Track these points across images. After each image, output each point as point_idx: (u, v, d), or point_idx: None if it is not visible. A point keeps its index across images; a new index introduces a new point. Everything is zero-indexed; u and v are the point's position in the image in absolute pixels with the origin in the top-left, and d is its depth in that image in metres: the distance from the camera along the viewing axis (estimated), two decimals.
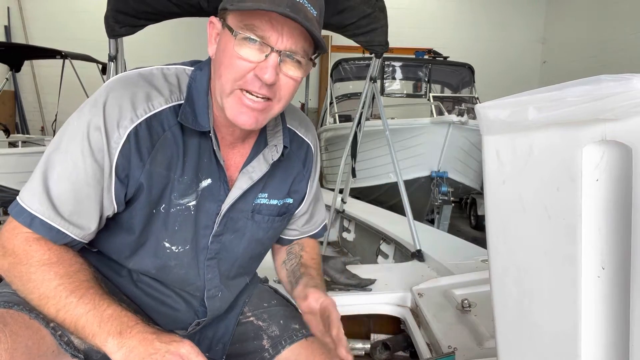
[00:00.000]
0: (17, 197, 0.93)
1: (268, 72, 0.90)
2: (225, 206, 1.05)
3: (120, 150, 0.92)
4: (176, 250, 1.04)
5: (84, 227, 0.95)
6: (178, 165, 0.99)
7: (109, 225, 1.02)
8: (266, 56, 0.90)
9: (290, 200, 1.17)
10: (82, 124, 0.92)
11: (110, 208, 0.97)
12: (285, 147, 1.09)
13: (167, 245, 1.03)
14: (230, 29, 0.91)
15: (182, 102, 0.98)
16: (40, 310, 0.89)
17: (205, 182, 1.02)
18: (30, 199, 0.91)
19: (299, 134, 1.17)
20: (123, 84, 0.96)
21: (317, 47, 0.95)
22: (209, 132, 0.99)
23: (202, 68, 1.03)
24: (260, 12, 0.87)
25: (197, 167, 1.01)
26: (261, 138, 1.10)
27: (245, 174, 1.06)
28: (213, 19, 0.98)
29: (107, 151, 0.92)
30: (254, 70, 0.91)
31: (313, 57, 0.97)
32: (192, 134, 0.99)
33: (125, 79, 0.97)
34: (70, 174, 0.92)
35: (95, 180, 0.93)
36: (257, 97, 0.93)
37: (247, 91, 0.93)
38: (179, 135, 0.98)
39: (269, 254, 1.32)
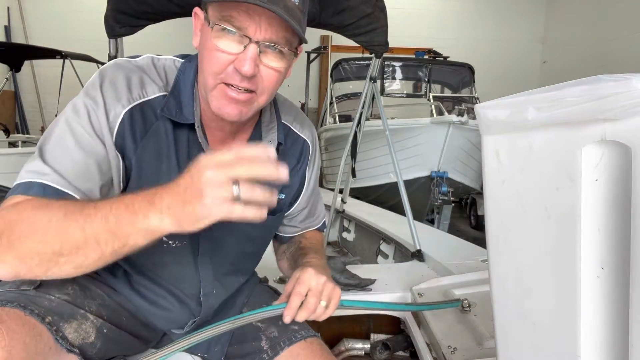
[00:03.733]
0: (17, 181, 0.88)
1: (246, 64, 0.88)
2: None
3: (117, 129, 0.93)
4: (173, 245, 1.04)
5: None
6: (171, 156, 0.99)
7: None
8: (245, 47, 0.88)
9: (282, 196, 1.17)
10: (81, 105, 0.92)
11: (118, 187, 0.96)
12: (279, 143, 1.09)
13: (164, 239, 1.03)
14: (209, 21, 0.90)
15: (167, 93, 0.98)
16: (66, 247, 0.77)
17: None
18: (35, 176, 0.86)
19: (294, 129, 1.17)
20: (117, 69, 0.97)
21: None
22: (194, 124, 0.99)
23: (192, 60, 1.03)
24: (238, 3, 0.86)
25: (188, 160, 1.00)
26: (255, 134, 1.10)
27: None
28: (197, 10, 0.97)
29: (107, 128, 0.92)
30: (234, 62, 0.90)
31: (297, 47, 0.96)
32: (182, 126, 0.99)
33: (118, 65, 0.98)
34: (72, 153, 0.89)
35: (101, 158, 0.92)
36: (240, 89, 0.92)
37: (229, 84, 0.92)
38: (170, 126, 0.98)
39: (269, 254, 1.32)
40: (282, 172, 0.75)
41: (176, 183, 0.76)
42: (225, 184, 0.72)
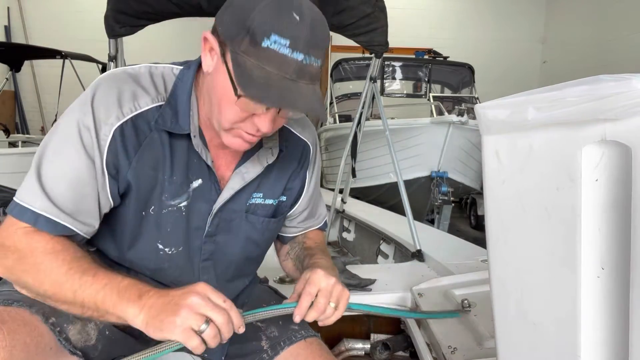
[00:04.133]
0: (15, 198, 0.93)
1: (266, 125, 0.91)
2: (216, 206, 1.05)
3: (108, 147, 0.93)
4: (170, 252, 1.04)
5: (87, 224, 0.95)
6: (166, 165, 0.99)
7: (104, 224, 1.02)
8: (267, 109, 0.90)
9: (284, 198, 1.17)
10: (72, 122, 0.92)
11: (107, 204, 0.97)
12: (280, 150, 1.09)
13: (160, 247, 1.03)
14: (232, 83, 0.87)
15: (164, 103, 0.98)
16: (56, 298, 0.88)
17: (196, 183, 1.02)
18: (30, 198, 0.91)
19: (295, 132, 1.17)
20: (109, 82, 0.96)
21: None
22: (190, 134, 0.99)
23: (190, 67, 1.02)
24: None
25: (187, 168, 1.01)
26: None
27: (237, 174, 1.06)
28: (209, 36, 0.92)
29: (97, 148, 0.92)
30: (253, 118, 0.91)
31: None
32: (180, 134, 0.99)
33: (111, 77, 0.97)
34: (66, 173, 0.92)
35: (90, 176, 0.93)
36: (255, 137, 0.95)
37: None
38: (166, 135, 0.98)
39: (269, 254, 1.32)
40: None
41: (168, 291, 0.86)
42: (200, 317, 0.82)
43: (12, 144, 5.71)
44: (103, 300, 0.85)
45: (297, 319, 0.98)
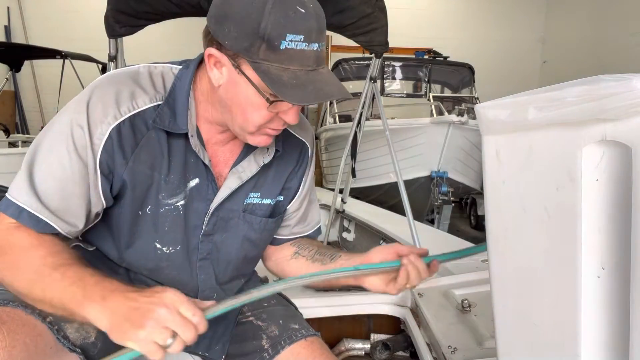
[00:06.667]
0: (6, 194, 0.93)
1: (294, 118, 0.95)
2: (213, 205, 1.05)
3: (103, 147, 0.93)
4: (167, 252, 1.04)
5: (71, 224, 0.95)
6: (163, 164, 0.99)
7: (101, 224, 1.02)
8: (293, 104, 0.92)
9: (282, 198, 1.17)
10: (66, 121, 0.93)
11: (99, 204, 0.97)
12: (277, 150, 1.09)
13: (158, 246, 1.03)
14: (259, 91, 0.89)
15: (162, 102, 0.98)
16: (32, 297, 0.86)
17: (193, 182, 1.02)
18: (17, 193, 0.91)
19: (294, 133, 1.17)
20: (108, 82, 0.96)
21: None
22: (187, 134, 0.99)
23: (189, 66, 1.02)
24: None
25: (184, 167, 1.01)
26: None
27: (234, 173, 1.06)
28: (213, 52, 0.90)
29: (90, 148, 0.92)
30: (279, 114, 0.94)
31: None
32: (177, 133, 0.99)
33: (110, 77, 0.98)
34: (55, 171, 0.92)
35: (80, 177, 0.93)
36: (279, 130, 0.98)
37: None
38: (163, 134, 0.98)
39: None
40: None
41: (135, 295, 0.81)
42: (166, 332, 0.78)
43: (12, 144, 5.71)
44: (69, 299, 0.82)
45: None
